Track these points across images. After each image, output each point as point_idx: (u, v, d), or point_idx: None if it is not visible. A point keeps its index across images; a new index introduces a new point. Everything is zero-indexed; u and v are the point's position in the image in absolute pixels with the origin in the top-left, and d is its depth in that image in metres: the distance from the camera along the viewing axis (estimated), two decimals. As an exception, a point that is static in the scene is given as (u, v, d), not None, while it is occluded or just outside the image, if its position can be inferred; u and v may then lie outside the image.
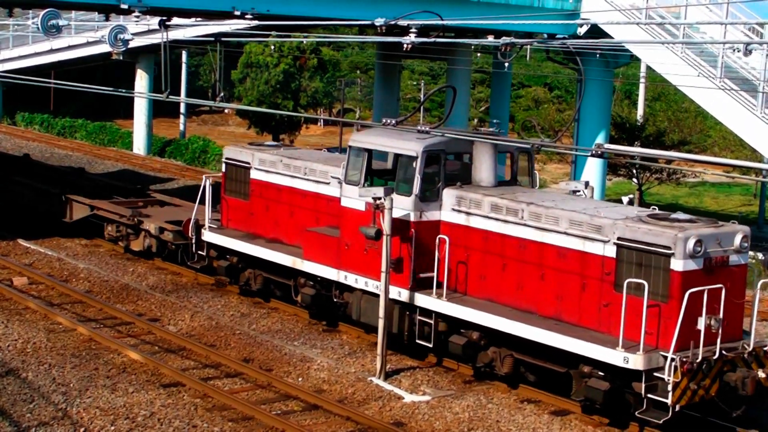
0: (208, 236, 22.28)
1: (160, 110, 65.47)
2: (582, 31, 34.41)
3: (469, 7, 31.89)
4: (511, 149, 18.67)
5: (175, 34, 31.37)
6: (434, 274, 17.38)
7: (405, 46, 15.71)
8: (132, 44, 19.38)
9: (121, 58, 19.16)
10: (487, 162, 17.86)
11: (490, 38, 30.59)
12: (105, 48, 21.47)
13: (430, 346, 17.59)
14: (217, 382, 16.86)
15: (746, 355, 14.92)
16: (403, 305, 17.78)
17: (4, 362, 17.38)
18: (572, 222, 15.72)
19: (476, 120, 77.57)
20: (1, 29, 53.98)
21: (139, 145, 53.09)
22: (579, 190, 18.47)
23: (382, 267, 17.12)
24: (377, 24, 15.83)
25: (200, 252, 22.72)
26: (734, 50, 25.27)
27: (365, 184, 18.21)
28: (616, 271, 15.06)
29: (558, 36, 33.07)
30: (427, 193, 17.63)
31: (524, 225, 16.40)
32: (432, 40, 16.06)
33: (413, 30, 15.66)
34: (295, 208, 20.81)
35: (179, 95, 61.40)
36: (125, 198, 27.88)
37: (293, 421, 15.14)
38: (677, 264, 14.34)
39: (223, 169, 22.75)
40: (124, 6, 25.83)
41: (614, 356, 14.43)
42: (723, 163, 18.00)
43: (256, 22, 27.55)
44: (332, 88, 68.12)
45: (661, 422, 14.33)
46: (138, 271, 24.52)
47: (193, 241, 22.83)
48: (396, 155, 18.33)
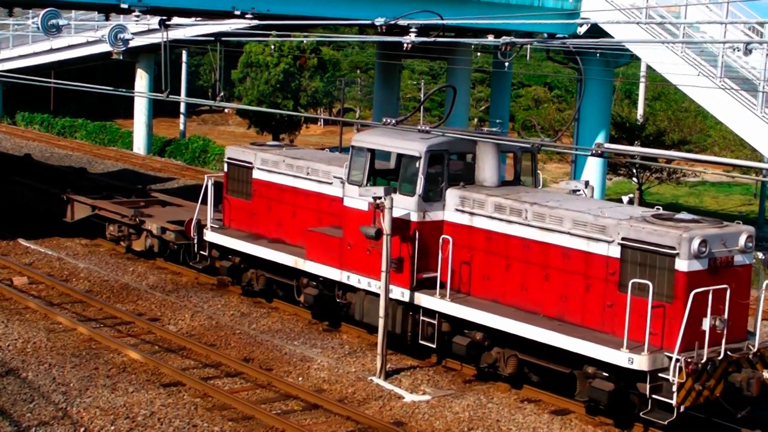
0: (210, 236, 22.26)
1: (160, 110, 65.47)
2: (582, 30, 34.41)
3: (469, 6, 31.88)
4: (514, 149, 18.66)
5: (175, 34, 31.33)
6: (437, 274, 17.34)
7: (405, 45, 15.71)
8: (132, 44, 19.39)
9: (121, 57, 19.18)
10: (490, 162, 17.84)
11: (490, 38, 30.61)
12: (105, 48, 21.49)
13: (434, 346, 17.56)
14: (217, 382, 16.86)
15: (751, 356, 14.89)
16: (406, 305, 17.75)
17: (4, 362, 17.38)
18: (576, 222, 15.68)
19: (476, 120, 77.53)
20: (1, 29, 53.96)
21: (139, 145, 53.09)
22: (579, 190, 18.42)
23: (383, 266, 17.12)
24: (377, 24, 15.83)
25: (202, 252, 22.70)
26: (734, 50, 25.27)
27: (368, 184, 18.15)
28: (621, 271, 15.03)
29: (558, 36, 33.09)
30: (430, 193, 17.59)
31: (528, 225, 16.36)
32: (432, 39, 16.06)
33: (413, 30, 15.66)
34: (297, 208, 20.79)
35: (179, 95, 61.38)
36: (127, 198, 27.86)
37: (293, 421, 15.14)
38: (682, 264, 14.31)
39: (225, 169, 22.71)
40: (124, 6, 25.84)
41: (619, 357, 14.40)
42: (723, 162, 18.04)
43: (256, 22, 27.53)
44: (332, 87, 68.11)
45: (665, 423, 14.30)
46: (138, 271, 24.52)
47: (195, 241, 22.80)
48: (399, 155, 18.29)
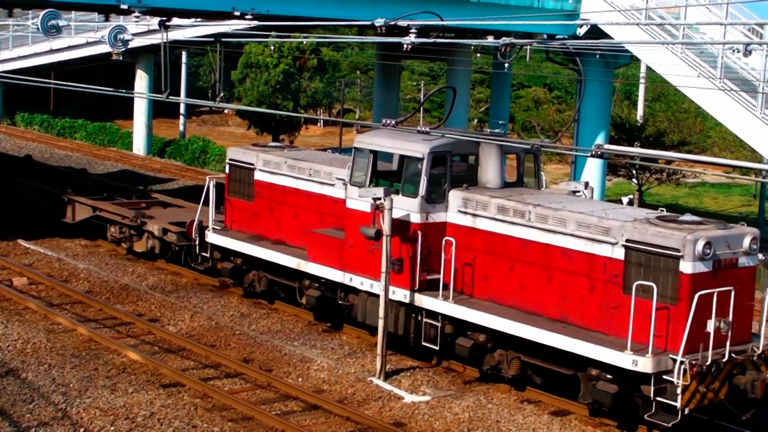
0: (211, 238, 22.23)
1: (160, 110, 65.42)
2: (582, 31, 34.39)
3: (469, 7, 31.89)
4: (516, 151, 18.62)
5: (175, 35, 31.34)
6: (440, 276, 17.31)
7: (405, 46, 15.71)
8: (132, 44, 19.38)
9: (121, 58, 19.17)
10: (493, 163, 17.80)
11: (490, 39, 30.66)
12: (105, 48, 21.46)
13: (437, 348, 17.52)
14: (217, 383, 16.86)
15: (755, 358, 14.86)
16: (409, 307, 17.72)
17: (4, 362, 17.38)
18: (580, 224, 15.63)
19: (476, 120, 77.49)
20: (1, 29, 53.94)
21: (139, 146, 53.08)
22: (579, 191, 18.41)
23: (382, 267, 17.12)
24: (377, 24, 15.83)
25: (204, 254, 22.66)
26: (734, 51, 25.24)
27: (370, 186, 18.11)
28: (625, 273, 14.98)
29: (558, 36, 33.08)
30: (432, 194, 17.54)
31: (531, 227, 16.31)
32: (432, 40, 16.08)
33: (413, 30, 15.67)
34: (299, 210, 20.75)
35: (179, 95, 61.35)
36: (128, 199, 27.83)
37: (293, 422, 15.15)
38: (686, 266, 14.26)
39: (226, 171, 22.69)
40: (124, 6, 25.83)
41: (623, 359, 14.37)
42: (723, 163, 18.04)
43: (256, 23, 27.55)
44: (332, 88, 68.01)
45: (670, 425, 14.24)
46: (138, 272, 24.51)
47: (197, 242, 22.76)
48: (402, 156, 18.22)
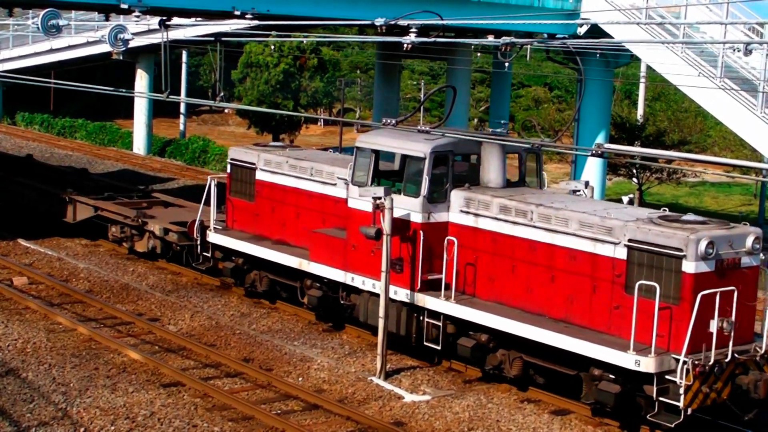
0: (213, 237, 22.22)
1: (160, 110, 65.42)
2: (582, 31, 34.40)
3: (469, 7, 31.88)
4: (519, 150, 18.60)
5: (175, 34, 31.34)
6: (442, 275, 17.29)
7: (405, 46, 15.69)
8: (132, 44, 19.38)
9: (121, 58, 19.17)
10: (495, 163, 17.79)
11: (490, 38, 30.58)
12: (105, 48, 21.47)
13: (439, 348, 17.50)
14: (217, 382, 16.87)
15: (758, 358, 14.84)
16: (411, 307, 17.70)
17: (4, 362, 17.38)
18: (582, 224, 15.61)
19: (476, 120, 77.47)
20: (1, 29, 53.95)
21: (139, 145, 53.08)
22: (579, 190, 18.39)
23: (382, 266, 17.12)
24: (377, 24, 15.82)
25: (205, 253, 22.64)
26: (734, 50, 25.24)
27: (372, 186, 18.08)
28: (627, 273, 14.97)
29: (558, 36, 33.06)
30: (434, 194, 17.53)
31: (533, 227, 16.29)
32: (432, 40, 16.04)
33: (413, 30, 15.65)
34: (301, 210, 20.73)
35: (179, 95, 61.34)
36: (129, 199, 27.81)
37: (293, 421, 15.15)
38: (689, 266, 14.25)
39: (228, 170, 22.68)
40: (124, 6, 25.83)
41: (625, 359, 14.35)
42: (723, 163, 18.01)
43: (256, 22, 27.55)
44: (332, 88, 68.00)
45: (672, 426, 14.22)
46: (138, 271, 24.51)
47: (198, 242, 22.74)
48: (403, 156, 18.20)
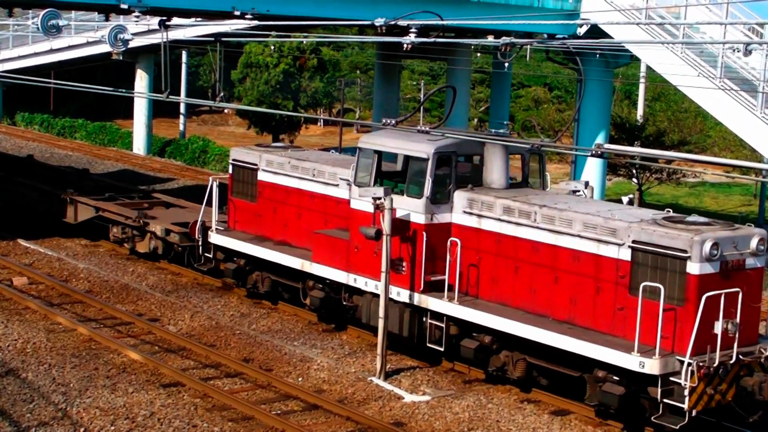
0: (215, 238, 22.19)
1: (160, 110, 65.45)
2: (582, 31, 34.39)
3: (469, 7, 31.88)
4: (522, 151, 18.53)
5: (175, 34, 31.35)
6: (445, 277, 17.25)
7: (405, 46, 15.68)
8: (132, 44, 19.38)
9: (121, 58, 19.17)
10: (498, 164, 17.75)
11: (490, 38, 30.65)
12: (105, 48, 21.47)
13: (442, 349, 17.47)
14: (217, 382, 16.87)
15: (763, 360, 14.80)
16: (414, 308, 17.66)
17: (4, 362, 17.38)
18: (586, 225, 15.56)
19: (476, 120, 77.45)
20: (1, 29, 53.94)
21: (139, 145, 53.08)
22: (579, 190, 18.37)
23: (382, 267, 17.12)
24: (377, 24, 15.82)
25: (207, 254, 22.60)
26: (734, 50, 25.23)
27: (375, 186, 18.03)
28: (631, 274, 14.92)
29: (558, 36, 33.06)
30: (437, 195, 17.48)
31: (537, 228, 16.24)
32: (432, 40, 16.03)
33: (413, 30, 15.64)
34: (303, 210, 20.69)
35: (179, 95, 61.35)
36: (130, 199, 27.80)
37: (293, 421, 15.15)
38: (693, 267, 14.20)
39: (229, 171, 22.65)
40: (124, 6, 25.83)
41: (630, 361, 14.31)
42: (723, 163, 17.97)
43: (256, 22, 27.54)
44: (332, 88, 68.00)
45: (677, 428, 14.17)
46: (138, 271, 24.51)
47: (200, 243, 22.72)
48: (406, 157, 18.16)
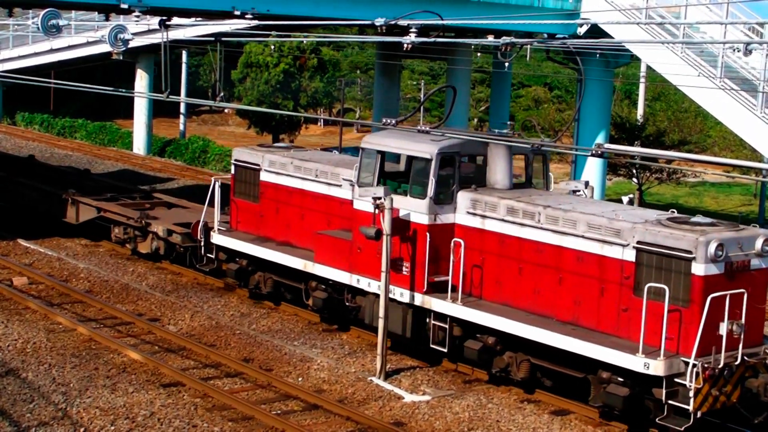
0: (217, 239, 22.17)
1: (160, 110, 65.47)
2: (582, 31, 34.39)
3: (469, 7, 31.87)
4: (525, 151, 18.50)
5: (175, 34, 31.35)
6: (449, 277, 17.23)
7: (405, 46, 15.68)
8: (132, 44, 19.37)
9: (121, 58, 19.16)
10: (502, 164, 17.73)
11: (490, 38, 30.59)
12: (105, 48, 21.48)
13: (445, 350, 17.43)
14: (217, 382, 16.87)
15: None
16: (417, 309, 17.64)
17: (4, 362, 17.38)
18: (590, 225, 15.53)
19: (476, 120, 77.45)
20: (1, 29, 53.95)
21: (139, 145, 53.08)
22: (579, 190, 18.36)
23: (382, 266, 17.12)
24: (377, 24, 15.81)
25: (209, 255, 22.58)
26: (734, 50, 25.23)
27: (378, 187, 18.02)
28: (636, 275, 14.89)
29: (558, 36, 33.05)
30: (441, 195, 17.45)
31: (541, 228, 16.21)
32: (432, 40, 16.03)
33: (413, 30, 15.64)
34: (305, 211, 20.66)
35: (179, 95, 61.37)
36: (131, 199, 27.78)
37: (293, 421, 15.15)
38: (698, 268, 14.17)
39: (232, 171, 22.65)
40: (124, 6, 25.82)
41: (634, 362, 14.29)
42: (723, 163, 17.97)
43: (256, 22, 27.53)
44: (332, 88, 68.02)
45: (682, 429, 14.14)
46: (138, 271, 24.51)
47: (202, 243, 22.69)
48: (409, 157, 18.15)
